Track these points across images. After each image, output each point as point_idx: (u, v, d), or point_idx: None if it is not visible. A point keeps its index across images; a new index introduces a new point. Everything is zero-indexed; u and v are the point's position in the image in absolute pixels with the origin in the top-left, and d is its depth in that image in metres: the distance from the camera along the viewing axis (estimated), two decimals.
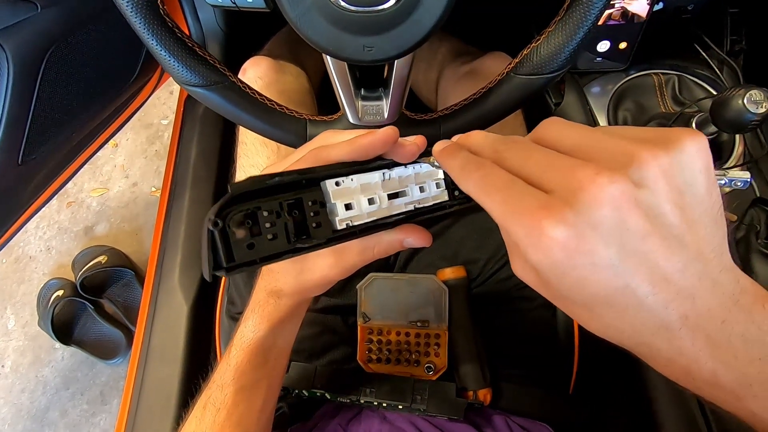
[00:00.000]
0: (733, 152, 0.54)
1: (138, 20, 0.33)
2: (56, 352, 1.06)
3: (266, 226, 0.23)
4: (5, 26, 0.53)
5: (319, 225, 0.25)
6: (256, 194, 0.23)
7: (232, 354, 0.36)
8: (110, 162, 1.26)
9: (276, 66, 0.61)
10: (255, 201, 0.22)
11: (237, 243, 0.22)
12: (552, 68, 0.37)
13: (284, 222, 0.24)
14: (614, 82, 0.59)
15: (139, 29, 0.33)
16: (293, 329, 0.38)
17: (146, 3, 0.32)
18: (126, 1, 0.32)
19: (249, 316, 0.36)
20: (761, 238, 0.51)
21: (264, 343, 0.35)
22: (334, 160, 0.27)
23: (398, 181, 0.28)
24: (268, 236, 0.23)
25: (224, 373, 0.36)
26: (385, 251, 0.30)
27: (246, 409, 0.35)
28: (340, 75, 0.39)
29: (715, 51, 0.59)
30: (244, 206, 0.22)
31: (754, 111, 0.42)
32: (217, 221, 0.21)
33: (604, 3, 0.33)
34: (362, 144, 0.26)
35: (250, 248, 0.22)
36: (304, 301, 0.35)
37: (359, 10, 0.30)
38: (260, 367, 0.36)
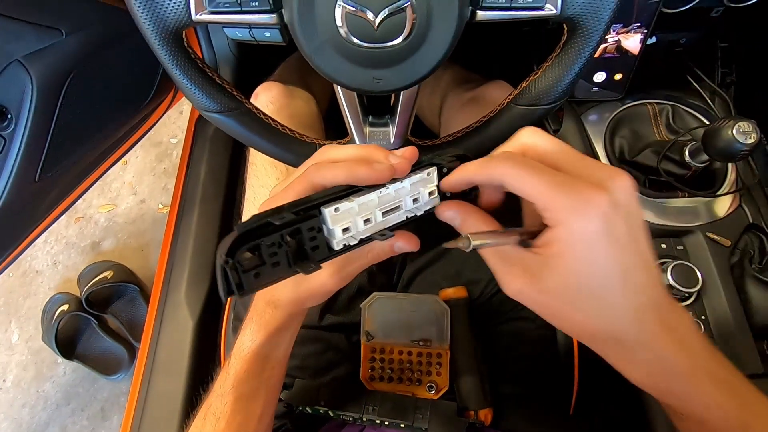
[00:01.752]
0: (725, 180, 0.55)
1: (164, 52, 0.35)
2: (58, 367, 1.06)
3: (269, 255, 0.26)
4: (31, 51, 0.56)
5: (316, 247, 0.27)
6: (261, 232, 0.26)
7: (231, 363, 0.37)
8: (119, 179, 1.28)
9: (286, 91, 0.63)
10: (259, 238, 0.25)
11: (245, 274, 0.25)
12: (549, 100, 0.39)
13: (285, 250, 0.26)
14: (610, 110, 0.61)
15: (165, 60, 0.36)
16: (290, 338, 0.39)
17: (172, 36, 0.35)
18: (153, 35, 0.34)
19: (247, 326, 0.37)
20: (755, 264, 0.52)
21: (261, 351, 0.36)
22: (330, 184, 0.28)
23: (394, 194, 0.29)
24: (271, 264, 0.26)
25: (224, 382, 0.37)
26: (377, 257, 0.32)
27: (245, 418, 0.36)
28: (350, 103, 0.42)
29: (706, 83, 0.62)
30: (250, 243, 0.25)
31: (743, 141, 0.44)
32: (228, 259, 0.24)
33: (597, 42, 0.35)
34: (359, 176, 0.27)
35: (257, 277, 0.25)
36: (300, 311, 0.37)
37: (370, 46, 0.33)
38: (258, 375, 0.37)
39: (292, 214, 0.26)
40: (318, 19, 0.32)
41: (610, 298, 0.23)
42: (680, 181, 0.55)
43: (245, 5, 0.34)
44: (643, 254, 0.24)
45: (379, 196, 0.28)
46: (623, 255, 0.23)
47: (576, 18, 0.34)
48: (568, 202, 0.22)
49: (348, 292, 0.56)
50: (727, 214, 0.55)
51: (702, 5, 0.52)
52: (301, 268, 0.26)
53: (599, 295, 0.23)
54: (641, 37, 0.55)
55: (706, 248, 0.52)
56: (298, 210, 0.26)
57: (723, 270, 0.51)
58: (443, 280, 0.55)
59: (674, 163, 0.55)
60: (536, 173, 0.23)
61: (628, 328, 0.24)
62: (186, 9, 0.33)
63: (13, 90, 0.57)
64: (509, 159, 0.24)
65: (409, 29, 0.32)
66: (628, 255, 0.23)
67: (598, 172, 0.23)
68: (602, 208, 0.22)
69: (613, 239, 0.22)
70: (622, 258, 0.23)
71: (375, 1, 0.31)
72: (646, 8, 0.52)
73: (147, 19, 0.33)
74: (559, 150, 0.25)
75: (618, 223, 0.22)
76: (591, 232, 0.22)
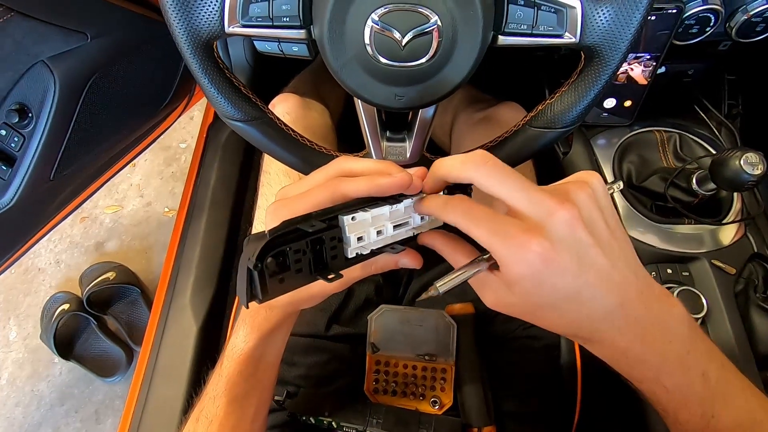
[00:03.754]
0: (731, 209, 0.56)
1: (195, 61, 0.37)
2: (54, 366, 1.06)
3: (294, 262, 0.26)
4: (57, 53, 0.58)
5: (335, 257, 0.29)
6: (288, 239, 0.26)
7: (224, 365, 0.37)
8: (126, 181, 1.29)
9: (303, 103, 0.65)
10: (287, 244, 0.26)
11: (271, 279, 0.25)
12: (563, 124, 0.41)
13: (309, 258, 0.27)
14: (619, 136, 0.62)
15: (195, 68, 0.37)
16: (282, 339, 0.39)
17: (204, 46, 0.36)
18: (186, 45, 0.35)
19: (240, 327, 0.37)
20: (759, 293, 0.53)
21: (254, 353, 0.36)
22: (353, 196, 0.29)
23: (403, 210, 0.30)
24: (296, 269, 0.27)
25: (216, 385, 0.37)
26: (381, 268, 0.34)
27: (237, 421, 0.37)
28: (369, 117, 0.43)
29: (713, 113, 0.63)
30: (278, 248, 0.26)
31: (750, 172, 0.46)
32: (257, 264, 0.24)
33: (613, 71, 0.36)
34: (381, 185, 0.29)
35: (281, 282, 0.26)
36: (295, 312, 0.37)
37: (395, 65, 0.34)
38: (251, 377, 0.37)
39: (321, 222, 0.27)
40: (347, 37, 0.33)
41: (570, 312, 0.26)
42: (687, 207, 0.56)
43: (276, 20, 0.35)
44: (600, 270, 0.25)
45: (390, 210, 0.30)
46: (573, 280, 0.24)
47: (594, 47, 0.35)
48: (505, 251, 0.24)
49: (355, 303, 0.56)
50: (732, 243, 0.55)
51: (710, 39, 0.54)
52: (322, 276, 0.27)
53: (560, 307, 0.26)
54: (651, 66, 0.56)
55: (711, 275, 0.53)
56: (325, 219, 0.27)
57: (728, 297, 0.52)
58: (450, 296, 0.56)
59: (681, 190, 0.56)
60: (477, 221, 0.25)
61: (593, 330, 0.27)
62: (220, 21, 0.35)
63: (36, 89, 0.58)
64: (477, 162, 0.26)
65: (433, 51, 0.33)
66: (579, 278, 0.24)
67: (538, 208, 0.25)
68: (538, 251, 0.24)
69: (558, 271, 0.24)
70: (573, 282, 0.25)
71: (403, 23, 0.32)
72: (657, 39, 0.53)
73: (181, 28, 0.35)
74: (504, 185, 0.26)
75: (560, 257, 0.24)
76: (532, 273, 0.24)
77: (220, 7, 0.34)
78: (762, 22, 0.50)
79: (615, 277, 0.25)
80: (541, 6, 0.34)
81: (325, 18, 0.32)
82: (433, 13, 0.31)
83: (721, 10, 0.49)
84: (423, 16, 0.31)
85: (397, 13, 0.32)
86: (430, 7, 0.31)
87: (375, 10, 0.31)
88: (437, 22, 0.32)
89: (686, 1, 0.50)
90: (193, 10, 0.34)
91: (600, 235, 0.25)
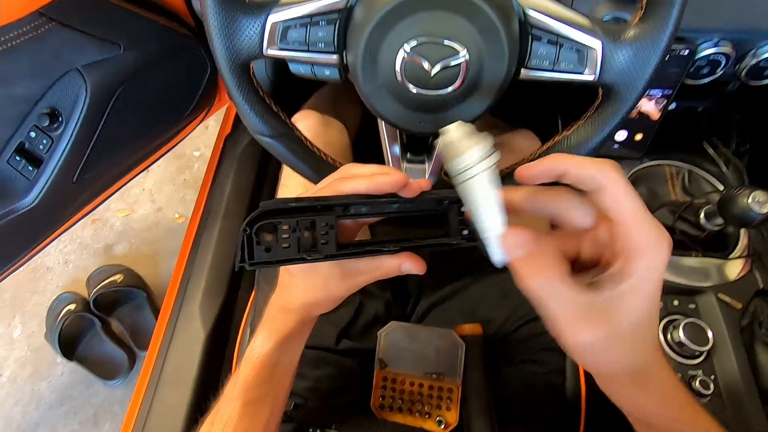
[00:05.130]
0: (737, 244, 0.58)
1: (231, 79, 0.38)
2: (56, 367, 1.06)
3: (283, 237, 0.30)
4: (90, 62, 0.60)
5: (326, 243, 0.31)
6: (281, 212, 0.30)
7: (241, 369, 0.38)
8: (139, 185, 1.31)
9: (323, 120, 0.67)
10: (278, 217, 0.30)
11: (258, 246, 0.29)
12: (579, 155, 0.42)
13: (297, 236, 0.30)
14: (629, 168, 0.64)
15: (231, 86, 0.39)
16: (299, 346, 0.40)
17: (241, 66, 0.38)
18: (225, 63, 0.37)
19: (259, 332, 0.39)
20: (764, 328, 0.53)
21: (271, 358, 0.38)
22: (351, 191, 0.32)
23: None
24: (283, 245, 0.30)
25: (233, 388, 0.38)
26: (385, 273, 0.34)
27: (250, 424, 0.37)
28: (391, 139, 0.45)
29: (722, 150, 0.65)
30: (269, 219, 0.29)
31: (758, 210, 0.47)
32: (246, 228, 0.29)
33: (630, 108, 0.38)
34: (379, 182, 0.31)
35: (268, 251, 0.29)
36: (310, 318, 0.38)
37: (422, 93, 0.36)
38: (267, 382, 0.38)
39: (312, 202, 0.30)
40: (379, 65, 0.35)
41: (647, 334, 0.26)
42: (694, 241, 0.57)
43: (312, 46, 0.37)
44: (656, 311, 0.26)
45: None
46: (654, 307, 0.25)
47: (612, 85, 0.37)
48: (653, 234, 0.24)
49: (365, 319, 0.57)
50: (738, 278, 0.56)
51: (721, 79, 0.56)
52: (308, 254, 0.30)
53: (641, 331, 0.25)
54: (663, 103, 0.58)
55: (717, 309, 0.54)
56: (317, 204, 0.30)
57: (733, 332, 0.52)
58: (459, 316, 0.57)
59: (689, 223, 0.57)
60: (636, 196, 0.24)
61: (648, 359, 0.26)
62: (259, 44, 0.37)
63: (68, 95, 0.60)
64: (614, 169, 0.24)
65: (460, 81, 0.35)
66: (654, 308, 0.25)
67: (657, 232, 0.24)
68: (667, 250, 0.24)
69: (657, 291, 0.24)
70: (653, 309, 0.25)
71: (433, 54, 0.34)
72: (669, 77, 0.55)
73: (223, 49, 0.37)
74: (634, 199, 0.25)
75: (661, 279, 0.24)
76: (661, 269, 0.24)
77: (260, 31, 0.36)
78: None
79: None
80: (563, 45, 0.36)
81: (360, 47, 0.34)
82: (462, 47, 0.33)
83: (731, 53, 0.51)
84: (453, 49, 0.33)
85: (429, 45, 0.33)
86: (461, 42, 0.33)
87: (408, 41, 0.33)
88: (465, 56, 0.34)
89: (699, 43, 0.52)
90: (236, 33, 0.36)
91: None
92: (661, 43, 0.34)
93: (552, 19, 0.35)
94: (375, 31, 0.33)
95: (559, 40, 0.36)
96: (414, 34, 0.33)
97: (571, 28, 0.35)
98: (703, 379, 0.50)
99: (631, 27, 0.35)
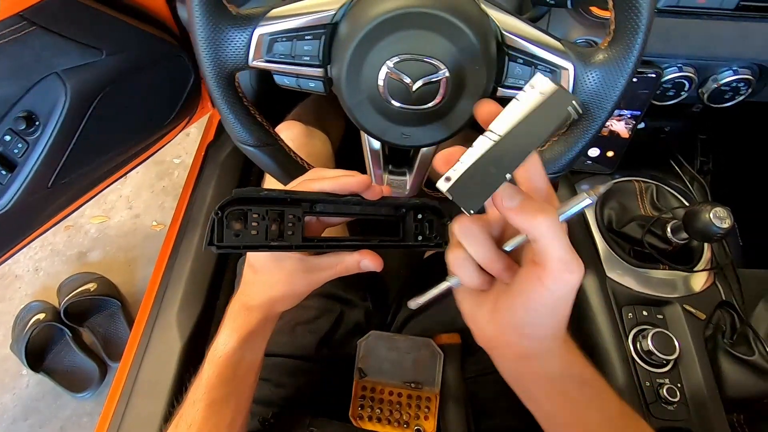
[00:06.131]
0: (702, 257, 0.61)
1: (216, 88, 0.39)
2: (22, 378, 1.02)
3: (252, 224, 0.32)
4: (71, 66, 0.60)
5: (293, 234, 0.34)
6: (253, 200, 0.32)
7: (204, 369, 0.39)
8: (116, 192, 1.29)
9: (306, 131, 0.68)
10: (250, 205, 0.32)
11: (227, 230, 0.32)
12: (552, 170, 0.44)
13: (266, 225, 0.33)
14: (601, 183, 0.67)
15: (216, 95, 0.39)
16: (261, 343, 0.41)
17: (226, 76, 0.39)
18: (211, 73, 0.38)
19: (222, 330, 0.39)
20: (727, 338, 0.56)
21: (233, 356, 0.38)
22: (319, 190, 0.35)
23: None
24: (252, 232, 0.32)
25: (196, 390, 0.38)
26: (346, 269, 0.37)
27: (215, 425, 0.37)
28: (374, 151, 0.46)
29: (687, 168, 0.68)
30: (240, 207, 0.32)
31: (719, 225, 0.50)
32: (218, 212, 0.31)
33: (599, 127, 0.40)
34: (343, 182, 0.35)
35: (237, 236, 0.32)
36: (272, 315, 0.40)
37: (404, 107, 0.37)
38: (229, 381, 0.38)
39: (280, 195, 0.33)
40: (362, 79, 0.36)
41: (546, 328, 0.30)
42: (662, 254, 0.60)
43: (297, 58, 0.38)
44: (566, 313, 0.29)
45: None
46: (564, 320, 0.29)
47: (583, 105, 0.39)
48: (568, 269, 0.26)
49: (345, 328, 0.57)
50: (702, 290, 0.59)
51: (685, 101, 0.59)
52: (275, 242, 0.33)
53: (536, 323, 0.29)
54: (632, 123, 0.61)
55: (683, 319, 0.56)
56: (286, 197, 0.33)
57: (698, 341, 0.55)
58: (438, 325, 0.57)
59: (657, 237, 0.60)
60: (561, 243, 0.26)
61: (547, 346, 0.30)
62: (245, 55, 0.37)
63: (47, 99, 0.59)
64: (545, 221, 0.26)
65: (440, 97, 0.36)
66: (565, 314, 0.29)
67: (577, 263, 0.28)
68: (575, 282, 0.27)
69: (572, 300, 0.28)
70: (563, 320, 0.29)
71: (415, 71, 0.35)
72: (638, 98, 0.58)
73: (209, 59, 0.37)
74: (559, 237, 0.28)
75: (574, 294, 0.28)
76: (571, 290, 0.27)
77: (247, 43, 0.37)
78: (730, 91, 0.56)
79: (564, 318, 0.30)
80: (537, 65, 0.38)
81: (345, 61, 0.35)
82: (443, 65, 0.35)
83: (694, 77, 0.55)
84: (434, 67, 0.35)
85: (411, 62, 0.35)
86: (441, 60, 0.35)
87: (391, 57, 0.35)
88: (446, 74, 0.35)
89: (664, 67, 0.55)
90: (223, 44, 0.37)
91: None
92: (628, 66, 0.37)
93: (527, 41, 0.37)
94: (359, 47, 0.35)
95: (534, 60, 0.38)
96: (397, 51, 0.35)
97: (545, 51, 0.37)
98: (671, 387, 0.52)
99: (600, 51, 0.37)
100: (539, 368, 0.31)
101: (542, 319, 0.29)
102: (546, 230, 0.26)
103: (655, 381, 0.53)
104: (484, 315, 0.31)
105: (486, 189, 0.26)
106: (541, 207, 0.26)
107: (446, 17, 0.34)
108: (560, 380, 0.31)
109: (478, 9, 0.36)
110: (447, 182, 0.27)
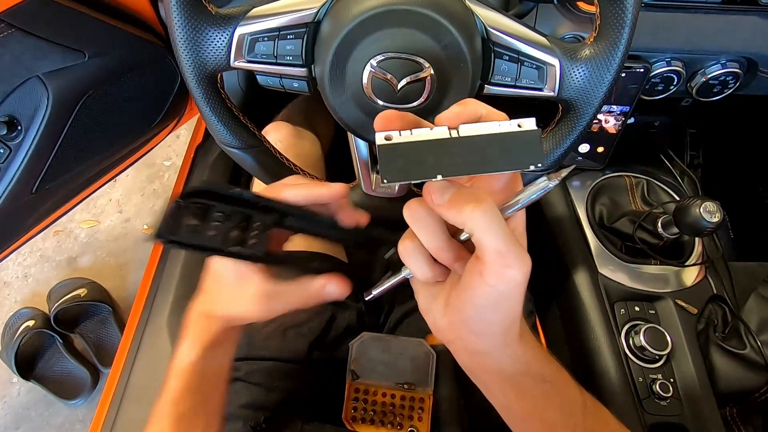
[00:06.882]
0: (693, 252, 0.61)
1: (198, 90, 0.38)
2: (12, 386, 1.00)
3: (212, 223, 0.28)
4: (53, 69, 0.59)
5: (256, 243, 0.30)
6: (221, 197, 0.29)
7: (170, 381, 0.36)
8: (106, 195, 1.27)
9: (295, 132, 0.67)
10: (217, 200, 0.28)
11: (184, 223, 0.28)
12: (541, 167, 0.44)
13: (228, 228, 0.29)
14: (592, 179, 0.66)
15: (198, 97, 0.39)
16: (224, 354, 0.39)
17: (208, 77, 0.38)
18: (192, 75, 0.37)
19: (184, 338, 0.37)
20: (718, 332, 0.56)
21: (197, 365, 0.36)
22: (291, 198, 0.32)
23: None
24: (209, 232, 0.28)
25: (162, 405, 0.36)
26: (308, 298, 0.34)
27: None
28: (361, 151, 0.45)
29: (677, 162, 0.68)
30: (204, 200, 0.28)
31: (708, 219, 0.50)
32: (179, 201, 0.27)
33: (588, 123, 0.40)
34: (313, 193, 0.33)
35: (192, 232, 0.28)
36: (232, 329, 0.37)
37: (389, 107, 0.36)
38: (196, 392, 0.36)
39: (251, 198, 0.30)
40: (346, 78, 0.36)
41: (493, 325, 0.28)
42: (653, 249, 0.59)
43: (280, 58, 0.37)
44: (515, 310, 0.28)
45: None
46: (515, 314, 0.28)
47: (570, 101, 0.39)
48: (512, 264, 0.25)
49: (337, 330, 0.57)
50: (694, 284, 0.59)
51: (674, 96, 0.59)
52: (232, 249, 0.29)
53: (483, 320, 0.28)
54: (622, 118, 0.61)
55: (675, 314, 0.56)
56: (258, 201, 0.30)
57: (690, 336, 0.55)
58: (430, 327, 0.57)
59: (648, 232, 0.60)
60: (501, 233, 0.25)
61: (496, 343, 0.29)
62: (226, 56, 0.37)
63: (29, 103, 0.58)
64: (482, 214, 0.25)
65: (426, 96, 0.36)
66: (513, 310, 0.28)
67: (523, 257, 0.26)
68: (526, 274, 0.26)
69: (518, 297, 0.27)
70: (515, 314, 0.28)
71: (399, 69, 0.34)
72: (627, 94, 0.58)
73: (188, 60, 0.36)
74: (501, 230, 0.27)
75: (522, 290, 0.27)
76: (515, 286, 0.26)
77: (227, 43, 0.36)
78: (719, 85, 0.56)
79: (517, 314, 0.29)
80: (524, 62, 0.37)
81: (327, 61, 0.35)
82: (427, 63, 0.34)
83: (682, 71, 0.55)
84: (418, 64, 0.34)
85: (395, 61, 0.34)
86: (425, 58, 0.34)
87: (374, 56, 0.34)
88: (431, 71, 0.35)
89: (653, 62, 0.55)
90: (202, 45, 0.36)
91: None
92: (614, 61, 0.36)
93: (512, 38, 0.37)
94: (342, 46, 0.34)
95: (520, 57, 0.37)
96: (380, 49, 0.34)
97: (531, 47, 0.37)
98: (663, 383, 0.52)
99: (586, 46, 0.37)
100: (492, 364, 0.30)
101: (488, 315, 0.27)
102: (480, 221, 0.24)
103: (648, 377, 0.53)
104: (439, 308, 0.29)
105: (413, 173, 0.24)
106: (474, 196, 0.25)
107: (430, 14, 0.33)
108: (516, 377, 0.30)
109: (462, 6, 0.36)
110: (386, 140, 0.25)
